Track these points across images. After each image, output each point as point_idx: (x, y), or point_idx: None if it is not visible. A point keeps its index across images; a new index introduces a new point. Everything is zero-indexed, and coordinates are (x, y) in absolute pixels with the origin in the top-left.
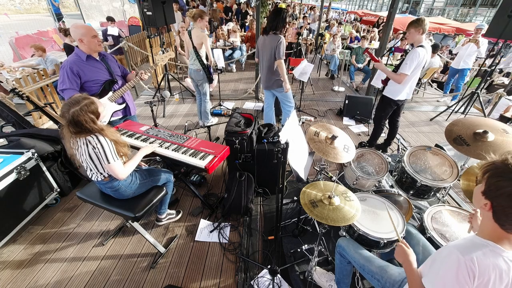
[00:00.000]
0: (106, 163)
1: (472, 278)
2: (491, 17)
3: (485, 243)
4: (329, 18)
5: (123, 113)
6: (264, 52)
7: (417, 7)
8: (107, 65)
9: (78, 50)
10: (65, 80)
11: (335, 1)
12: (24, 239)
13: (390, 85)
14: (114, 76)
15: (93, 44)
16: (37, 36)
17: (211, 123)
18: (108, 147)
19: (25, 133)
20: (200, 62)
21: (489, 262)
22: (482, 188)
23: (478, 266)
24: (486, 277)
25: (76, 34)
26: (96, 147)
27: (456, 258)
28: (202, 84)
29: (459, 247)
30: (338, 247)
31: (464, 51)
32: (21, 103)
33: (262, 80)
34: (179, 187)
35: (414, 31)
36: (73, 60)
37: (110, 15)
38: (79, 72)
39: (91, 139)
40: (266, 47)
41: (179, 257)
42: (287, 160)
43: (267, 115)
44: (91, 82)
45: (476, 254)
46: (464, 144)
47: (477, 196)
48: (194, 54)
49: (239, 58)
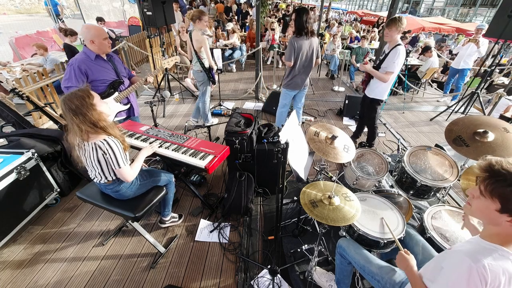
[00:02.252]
0: (117, 168)
1: (484, 285)
2: (491, 17)
3: (494, 247)
4: (329, 17)
5: (127, 114)
6: (307, 54)
7: (417, 7)
8: (114, 65)
9: (87, 49)
10: (71, 77)
11: (335, 1)
12: (24, 239)
13: (375, 88)
14: (121, 77)
15: (103, 46)
16: (37, 36)
17: (211, 123)
18: (118, 150)
19: (25, 133)
20: (201, 64)
21: (499, 267)
22: (497, 206)
23: (490, 273)
24: (497, 283)
25: (88, 35)
26: (107, 152)
27: (468, 266)
28: (202, 85)
29: (469, 254)
30: (338, 248)
31: (465, 51)
32: (21, 103)
33: (299, 80)
34: (179, 187)
35: (395, 30)
36: (82, 59)
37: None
38: (87, 71)
39: (101, 144)
40: (309, 49)
41: (179, 257)
42: (287, 160)
43: (282, 115)
44: (98, 82)
45: (488, 261)
46: (463, 145)
47: (490, 214)
48: (195, 56)
49: (239, 58)
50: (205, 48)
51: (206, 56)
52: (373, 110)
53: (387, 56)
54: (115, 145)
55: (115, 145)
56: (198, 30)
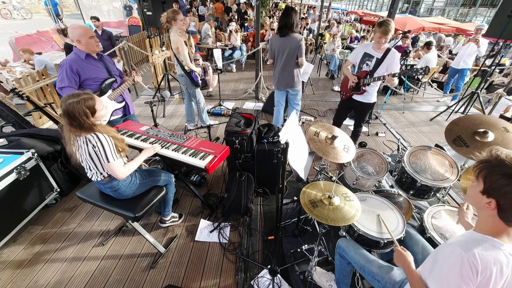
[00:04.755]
0: (105, 162)
1: (475, 274)
2: (491, 17)
3: (485, 238)
4: (330, 17)
5: (122, 112)
6: (282, 53)
7: (417, 7)
8: (105, 64)
9: (76, 49)
10: (64, 78)
11: (335, 1)
12: (24, 239)
13: (372, 92)
14: (113, 75)
15: (90, 44)
16: (37, 36)
17: (209, 124)
18: (108, 145)
19: (25, 133)
20: (181, 67)
21: (490, 256)
22: (481, 187)
23: (481, 262)
24: (488, 272)
25: (74, 35)
26: (96, 145)
27: (459, 256)
28: (189, 88)
29: (460, 244)
30: (338, 248)
31: (464, 51)
32: (21, 103)
33: (277, 80)
34: (179, 187)
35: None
36: (73, 59)
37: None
38: (79, 70)
39: (91, 137)
40: (284, 48)
41: (179, 257)
42: (287, 160)
43: (278, 113)
44: (91, 80)
45: (478, 250)
46: (463, 145)
47: (475, 196)
48: (175, 59)
49: (239, 58)
50: (181, 49)
51: (183, 58)
52: (368, 114)
53: (383, 61)
54: (104, 139)
55: (105, 139)
56: (175, 31)
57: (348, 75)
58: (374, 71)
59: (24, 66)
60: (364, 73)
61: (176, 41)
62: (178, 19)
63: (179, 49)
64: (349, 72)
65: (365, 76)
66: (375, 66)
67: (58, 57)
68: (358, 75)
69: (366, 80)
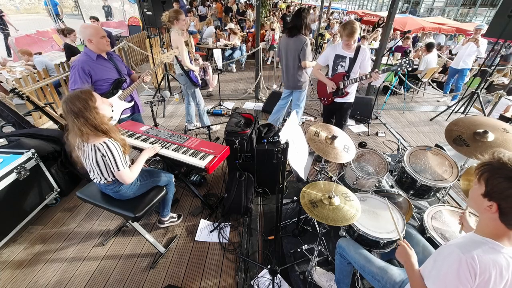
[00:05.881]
0: (116, 170)
1: (473, 276)
2: (491, 17)
3: (485, 240)
4: (332, 18)
5: (131, 111)
6: (288, 53)
7: (417, 7)
8: (115, 64)
9: (87, 49)
10: (76, 79)
11: (335, 1)
12: (24, 239)
13: (352, 92)
14: (123, 75)
15: (101, 44)
16: (37, 36)
17: (209, 125)
18: (118, 154)
19: (25, 133)
20: (180, 66)
21: (489, 259)
22: (482, 190)
23: (479, 264)
24: (487, 275)
25: (85, 34)
26: (106, 155)
27: (457, 257)
28: (188, 88)
29: (459, 246)
30: (338, 248)
31: (464, 51)
32: (21, 103)
33: (284, 79)
34: (179, 187)
35: (356, 35)
36: (84, 60)
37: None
38: (90, 71)
39: (100, 146)
40: (290, 49)
41: (179, 257)
42: (287, 160)
43: (279, 111)
44: (102, 81)
45: (477, 252)
46: (464, 145)
47: (477, 199)
48: (175, 58)
49: (239, 58)
50: (180, 49)
51: (182, 58)
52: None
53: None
54: (114, 148)
55: (115, 148)
56: (176, 30)
57: (324, 80)
58: (350, 71)
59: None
60: (341, 75)
61: (176, 40)
62: (180, 19)
63: (179, 49)
64: (324, 77)
65: (343, 78)
66: (350, 66)
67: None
68: (335, 78)
69: (347, 81)
